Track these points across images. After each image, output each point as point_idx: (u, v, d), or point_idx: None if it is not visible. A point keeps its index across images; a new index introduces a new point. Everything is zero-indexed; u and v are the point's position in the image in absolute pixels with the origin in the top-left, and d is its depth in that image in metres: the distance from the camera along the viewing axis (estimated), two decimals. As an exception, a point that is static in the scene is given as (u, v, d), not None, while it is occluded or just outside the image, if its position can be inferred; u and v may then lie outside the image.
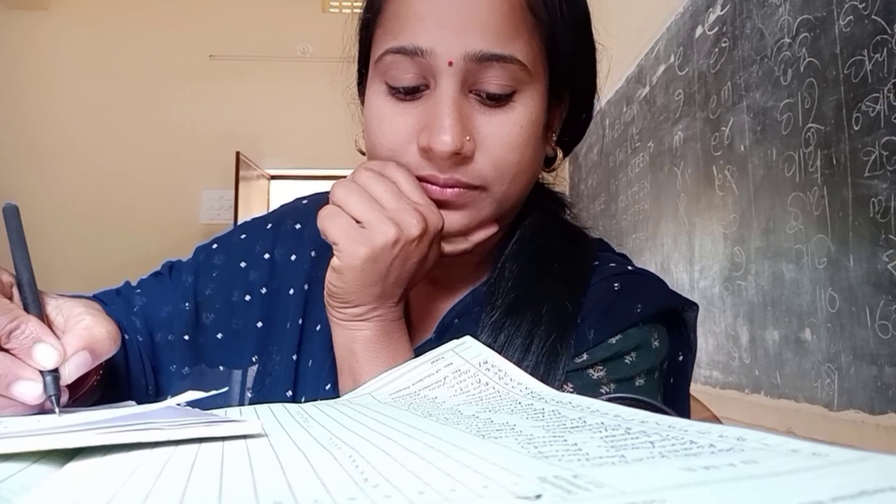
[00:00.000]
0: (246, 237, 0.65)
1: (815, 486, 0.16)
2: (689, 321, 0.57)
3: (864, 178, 1.09)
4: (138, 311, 0.61)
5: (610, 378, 0.52)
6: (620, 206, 2.54)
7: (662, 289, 0.57)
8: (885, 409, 1.06)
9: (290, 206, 0.68)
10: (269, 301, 0.62)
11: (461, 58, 0.48)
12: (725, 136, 1.63)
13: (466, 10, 0.49)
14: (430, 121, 0.49)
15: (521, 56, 0.50)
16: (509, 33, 0.49)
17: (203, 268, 0.64)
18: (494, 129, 0.50)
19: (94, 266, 3.31)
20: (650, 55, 2.20)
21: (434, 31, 0.49)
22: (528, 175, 0.54)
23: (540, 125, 0.53)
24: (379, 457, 0.23)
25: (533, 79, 0.51)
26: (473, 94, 0.50)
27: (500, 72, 0.49)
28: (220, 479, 0.21)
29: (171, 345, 0.61)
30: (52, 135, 4.09)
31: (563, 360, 0.51)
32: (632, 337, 0.53)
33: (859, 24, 1.11)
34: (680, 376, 0.58)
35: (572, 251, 0.58)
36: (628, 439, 0.24)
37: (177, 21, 4.24)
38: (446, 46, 0.48)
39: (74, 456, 0.27)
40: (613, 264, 0.58)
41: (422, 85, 0.51)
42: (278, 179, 4.42)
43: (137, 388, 0.59)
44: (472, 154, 0.50)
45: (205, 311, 0.62)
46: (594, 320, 0.53)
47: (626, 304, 0.53)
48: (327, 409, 0.37)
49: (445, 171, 0.50)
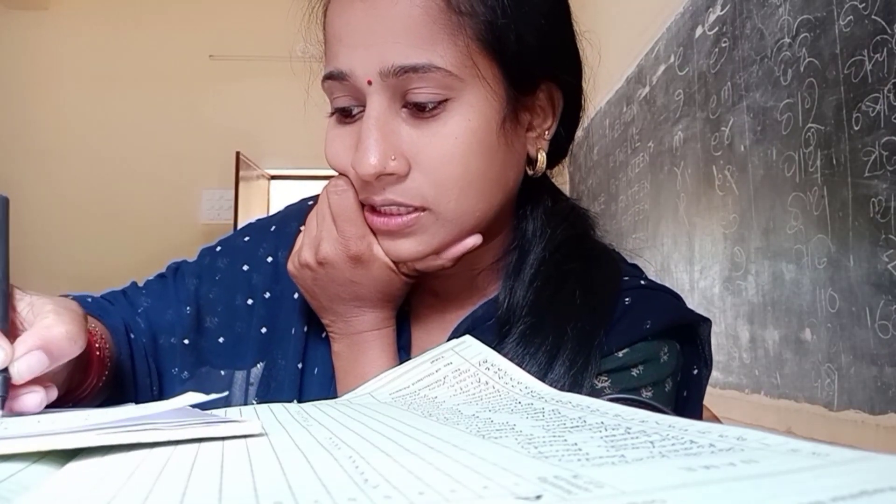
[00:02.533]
0: (249, 240, 0.65)
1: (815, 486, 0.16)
2: (703, 335, 0.56)
3: (864, 178, 1.09)
4: (142, 313, 0.61)
5: (614, 388, 0.51)
6: (620, 206, 2.54)
7: (673, 304, 0.56)
8: (885, 409, 1.06)
9: (294, 208, 0.68)
10: (272, 305, 0.62)
11: (378, 75, 0.47)
12: (725, 136, 1.63)
13: (377, 25, 0.47)
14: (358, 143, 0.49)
15: (443, 62, 0.47)
16: (424, 41, 0.47)
17: (206, 271, 0.63)
18: (426, 143, 0.48)
19: (95, 266, 3.31)
20: (650, 55, 2.20)
21: (350, 52, 0.48)
22: (480, 187, 0.50)
23: (489, 130, 0.49)
24: (379, 457, 0.23)
25: (466, 83, 0.48)
26: (406, 109, 0.49)
27: (422, 82, 0.47)
28: (220, 480, 0.21)
29: (173, 348, 0.61)
30: (52, 135, 4.09)
31: (587, 382, 0.50)
32: (639, 350, 0.52)
33: (859, 24, 1.11)
34: (694, 390, 0.57)
35: (595, 276, 0.56)
36: (628, 439, 0.24)
37: (177, 21, 4.23)
38: (362, 66, 0.48)
39: (74, 456, 0.27)
40: (627, 277, 0.57)
41: (355, 106, 0.50)
42: (278, 179, 4.42)
43: (143, 390, 0.59)
44: (406, 173, 0.48)
45: (208, 314, 0.62)
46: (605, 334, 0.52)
47: (635, 320, 0.53)
48: (327, 409, 0.37)
49: (380, 194, 0.49)
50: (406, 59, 0.47)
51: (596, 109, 2.88)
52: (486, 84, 0.49)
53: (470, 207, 0.50)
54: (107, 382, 0.52)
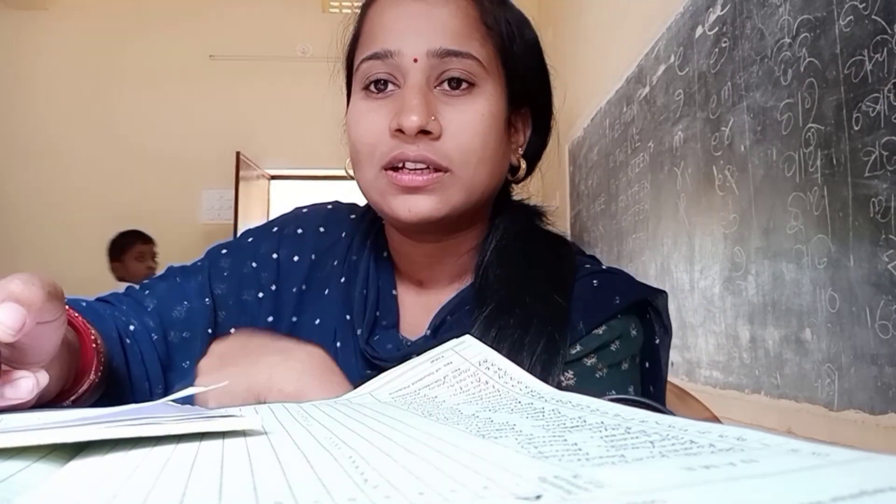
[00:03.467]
0: (253, 240, 0.70)
1: (815, 486, 0.16)
2: (660, 307, 0.62)
3: (864, 178, 1.09)
4: (153, 311, 0.63)
5: (602, 364, 0.58)
6: (620, 206, 2.54)
7: (633, 282, 0.64)
8: (885, 410, 1.06)
9: (290, 214, 0.73)
10: (277, 298, 0.67)
11: (424, 54, 0.57)
12: (725, 136, 1.63)
13: (427, 18, 0.58)
14: (400, 107, 0.56)
15: (477, 54, 0.58)
16: (465, 36, 0.58)
17: (214, 269, 0.67)
18: (457, 115, 0.57)
19: (95, 266, 3.31)
20: (650, 55, 2.20)
21: (400, 36, 0.57)
22: (492, 165, 0.59)
23: (501, 121, 0.60)
24: (379, 457, 0.23)
25: (490, 76, 0.59)
26: (438, 89, 0.58)
27: (460, 65, 0.57)
28: (220, 480, 0.21)
29: (185, 342, 0.64)
30: (52, 135, 4.09)
31: (562, 351, 0.55)
32: (614, 328, 0.59)
33: (859, 24, 1.11)
34: (657, 356, 0.63)
35: (555, 253, 0.64)
36: (628, 439, 0.24)
37: (177, 21, 4.24)
38: (411, 47, 0.57)
39: (76, 455, 0.27)
40: (588, 265, 0.64)
41: (392, 82, 0.58)
42: (278, 179, 4.43)
43: (140, 392, 0.60)
44: (439, 135, 0.56)
45: (219, 309, 0.66)
46: (581, 314, 0.58)
47: (606, 298, 0.59)
48: (327, 409, 0.37)
49: (413, 150, 0.56)
50: (451, 45, 0.57)
51: (596, 109, 2.88)
52: (498, 86, 0.60)
53: (482, 179, 0.59)
54: (99, 383, 0.52)
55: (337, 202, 0.74)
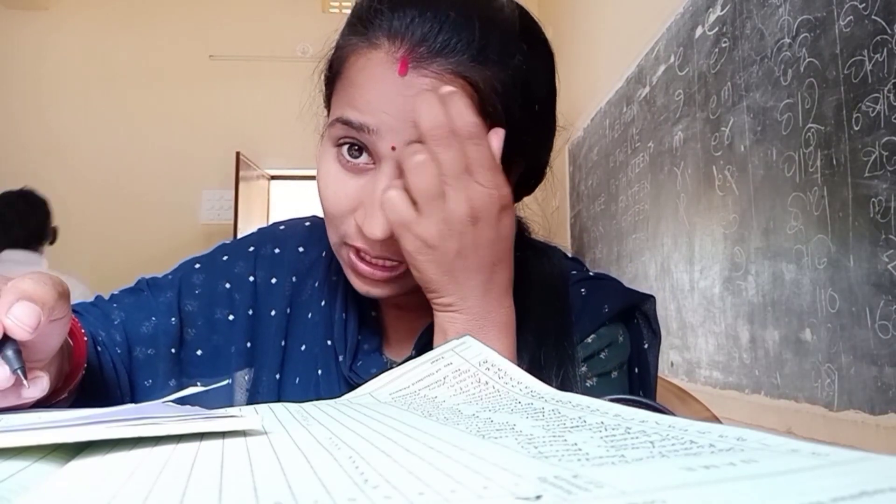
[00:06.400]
0: (228, 259, 0.66)
1: (815, 486, 0.16)
2: (648, 312, 0.61)
3: (864, 178, 1.09)
4: (119, 325, 0.61)
5: (591, 374, 0.58)
6: (620, 207, 2.54)
7: (621, 288, 0.62)
8: (885, 410, 1.06)
9: (267, 231, 0.70)
10: (254, 323, 0.64)
11: (402, 143, 0.49)
12: (725, 137, 1.63)
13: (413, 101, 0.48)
14: (368, 203, 0.51)
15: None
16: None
17: (185, 284, 0.64)
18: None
19: (95, 266, 3.31)
20: (650, 55, 2.20)
21: (379, 115, 0.50)
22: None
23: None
24: (379, 457, 0.23)
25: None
26: None
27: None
28: (220, 480, 0.21)
29: (149, 359, 0.61)
30: (52, 135, 4.09)
31: (576, 356, 0.55)
32: (603, 336, 0.58)
33: (859, 24, 1.11)
34: (646, 363, 0.62)
35: (543, 263, 0.61)
36: (628, 439, 0.24)
37: (177, 21, 4.24)
38: (390, 131, 0.50)
39: (76, 455, 0.27)
40: (574, 272, 0.62)
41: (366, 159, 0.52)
42: (278, 179, 4.42)
43: (113, 400, 0.59)
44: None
45: (186, 326, 0.63)
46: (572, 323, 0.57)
47: (595, 307, 0.59)
48: (327, 409, 0.37)
49: (376, 250, 0.52)
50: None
51: (596, 109, 2.88)
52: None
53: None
54: (80, 385, 0.52)
55: (314, 217, 0.69)
